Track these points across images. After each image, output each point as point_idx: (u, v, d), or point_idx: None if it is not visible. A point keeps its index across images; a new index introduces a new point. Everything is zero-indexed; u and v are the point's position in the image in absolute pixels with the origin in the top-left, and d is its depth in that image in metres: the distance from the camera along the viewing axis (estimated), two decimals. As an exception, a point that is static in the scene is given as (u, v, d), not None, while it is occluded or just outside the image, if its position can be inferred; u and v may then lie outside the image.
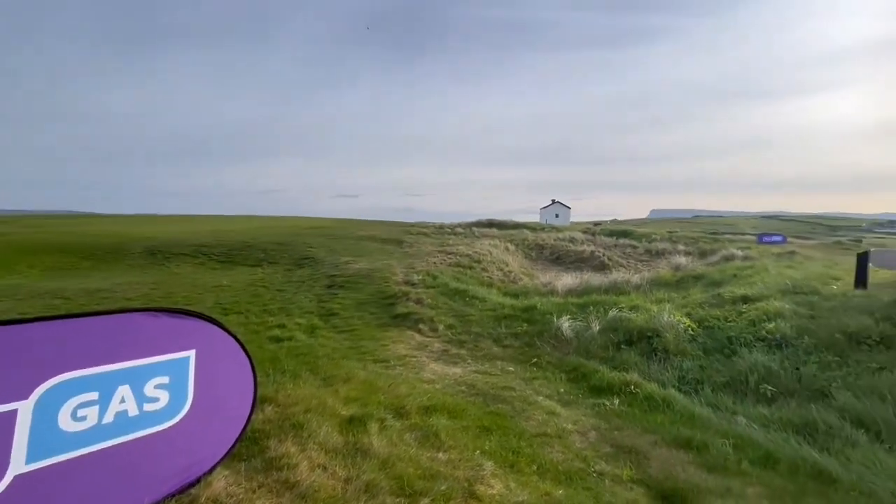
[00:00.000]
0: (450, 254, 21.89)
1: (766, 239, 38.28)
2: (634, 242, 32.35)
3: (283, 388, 4.19)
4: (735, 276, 13.96)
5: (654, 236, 35.09)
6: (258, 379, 2.92)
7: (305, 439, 3.10)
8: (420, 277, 14.70)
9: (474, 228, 39.84)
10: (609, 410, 5.36)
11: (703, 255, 25.69)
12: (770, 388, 5.99)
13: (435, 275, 15.58)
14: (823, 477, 4.09)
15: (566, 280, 16.27)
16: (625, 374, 6.35)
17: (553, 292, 14.49)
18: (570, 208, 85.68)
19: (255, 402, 2.82)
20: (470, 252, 22.59)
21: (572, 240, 31.67)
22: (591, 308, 9.66)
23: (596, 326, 8.25)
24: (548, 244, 30.14)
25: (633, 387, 5.91)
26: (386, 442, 3.37)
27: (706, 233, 53.94)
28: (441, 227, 40.90)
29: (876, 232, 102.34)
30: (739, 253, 22.89)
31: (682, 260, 22.31)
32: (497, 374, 6.81)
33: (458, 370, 6.97)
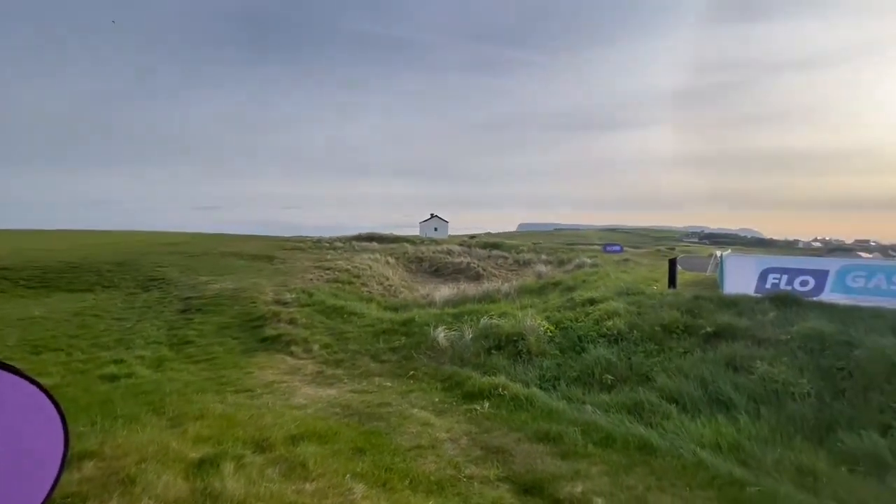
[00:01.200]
0: (328, 269, 21.09)
1: (608, 249, 44.94)
2: (505, 254, 35.07)
3: (112, 436, 3.54)
4: (585, 281, 16.04)
5: (521, 248, 38.52)
6: (76, 430, 2.42)
7: (138, 495, 2.65)
8: (294, 296, 13.84)
9: (354, 242, 39.04)
10: (480, 414, 5.66)
11: (561, 263, 29.00)
12: (610, 377, 6.97)
13: (311, 292, 14.83)
14: (647, 448, 4.86)
15: (444, 291, 16.88)
16: (494, 377, 6.78)
17: (431, 304, 14.89)
18: (447, 222, 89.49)
19: (66, 461, 2.32)
20: (349, 267, 22.06)
21: (450, 252, 33.05)
22: (466, 317, 10.15)
23: (469, 334, 8.69)
24: (427, 257, 30.98)
25: (501, 389, 6.34)
26: (243, 482, 3.06)
27: (564, 244, 61.13)
28: (319, 241, 39.18)
29: (685, 241, 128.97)
30: (589, 261, 26.41)
31: (544, 269, 24.91)
32: (374, 391, 6.71)
33: (333, 391, 6.69)
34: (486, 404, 5.93)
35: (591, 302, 10.40)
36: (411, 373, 7.50)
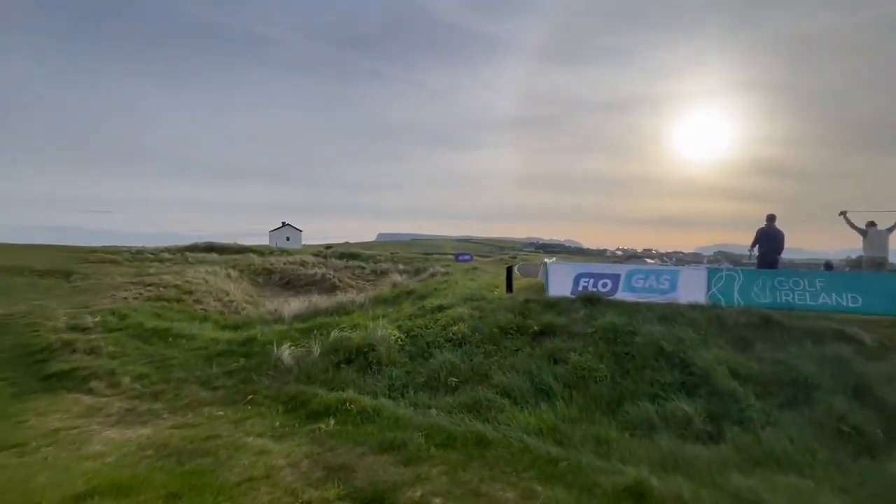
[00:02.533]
0: (150, 285, 17.95)
1: (460, 258, 48.17)
2: (363, 264, 34.69)
3: None
4: (436, 289, 16.83)
5: (379, 257, 38.62)
6: None
7: None
8: (98, 319, 11.41)
9: (188, 253, 34.12)
10: (324, 433, 5.43)
11: (417, 272, 29.93)
12: (455, 379, 7.40)
13: (124, 313, 12.41)
14: (484, 442, 5.26)
15: (294, 305, 15.88)
16: (342, 392, 6.59)
17: (279, 319, 13.86)
18: (301, 231, 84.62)
19: None
20: (179, 282, 19.14)
21: (303, 263, 31.29)
22: (316, 331, 9.68)
23: (317, 350, 8.30)
24: (277, 268, 28.76)
25: (348, 404, 6.18)
26: (-11, 568, 2.35)
27: (421, 253, 63.39)
28: (140, 252, 33.22)
29: (524, 251, 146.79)
30: (442, 270, 27.87)
31: (400, 278, 25.41)
32: (202, 423, 5.90)
33: (146, 430, 5.66)
34: (332, 421, 5.72)
35: (440, 309, 10.93)
36: (249, 397, 6.82)
